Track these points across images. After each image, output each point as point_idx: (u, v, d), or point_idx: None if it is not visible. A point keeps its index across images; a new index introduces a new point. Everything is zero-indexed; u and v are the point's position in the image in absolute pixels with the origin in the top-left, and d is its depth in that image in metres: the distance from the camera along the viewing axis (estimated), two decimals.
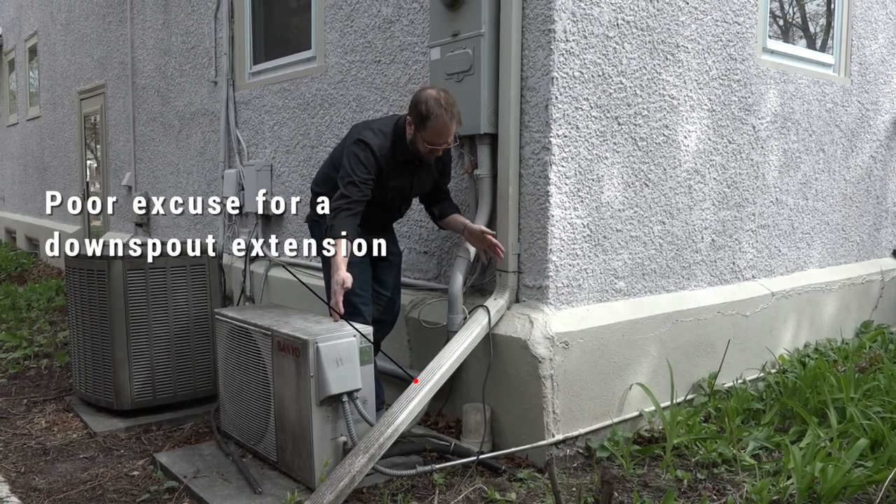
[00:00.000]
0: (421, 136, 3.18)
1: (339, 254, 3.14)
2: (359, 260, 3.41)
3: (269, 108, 5.24)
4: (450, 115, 3.12)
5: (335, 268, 3.14)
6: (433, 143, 3.18)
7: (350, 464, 2.82)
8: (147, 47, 7.07)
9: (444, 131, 3.15)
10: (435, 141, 3.17)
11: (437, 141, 3.18)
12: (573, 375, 3.29)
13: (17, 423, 3.99)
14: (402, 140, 3.28)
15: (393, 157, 3.28)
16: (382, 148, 3.24)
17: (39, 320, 6.44)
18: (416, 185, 3.45)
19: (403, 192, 3.44)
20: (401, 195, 3.46)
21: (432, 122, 3.11)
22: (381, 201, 3.39)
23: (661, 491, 2.97)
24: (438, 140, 3.18)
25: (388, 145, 3.26)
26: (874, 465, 2.99)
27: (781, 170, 4.50)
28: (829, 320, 4.82)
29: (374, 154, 3.22)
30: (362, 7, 4.33)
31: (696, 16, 3.83)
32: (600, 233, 3.51)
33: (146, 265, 3.94)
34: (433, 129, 3.13)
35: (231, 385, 3.52)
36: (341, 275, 3.12)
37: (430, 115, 3.10)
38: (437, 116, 3.10)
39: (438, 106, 3.10)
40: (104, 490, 3.16)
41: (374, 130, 3.30)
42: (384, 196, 3.37)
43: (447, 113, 3.11)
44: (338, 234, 3.16)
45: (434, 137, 3.16)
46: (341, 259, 3.14)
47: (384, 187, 3.32)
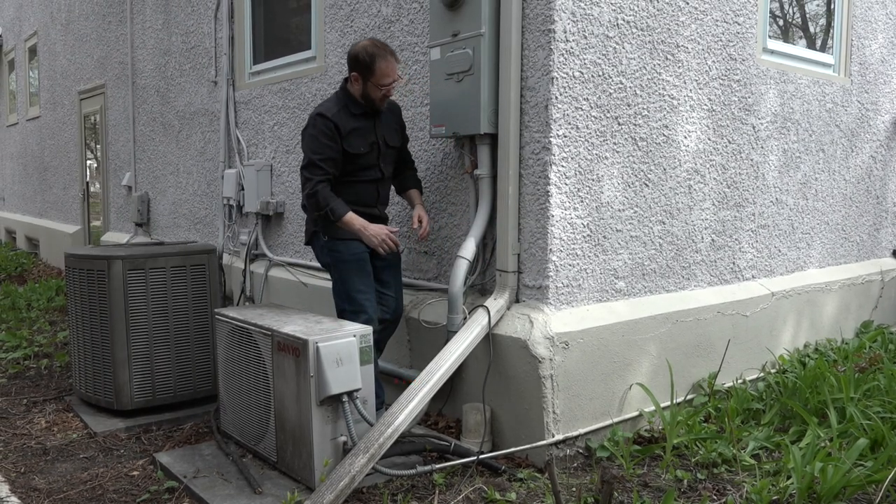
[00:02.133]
0: (371, 83, 3.37)
1: (357, 222, 3.39)
2: (358, 258, 3.43)
3: (269, 108, 5.24)
4: (388, 51, 3.38)
5: (363, 227, 3.38)
6: (384, 84, 3.37)
7: (350, 464, 2.82)
8: (147, 47, 7.07)
9: (389, 69, 3.37)
10: (384, 81, 3.37)
11: (386, 80, 3.37)
12: (573, 375, 3.29)
13: (17, 423, 3.99)
14: (350, 99, 3.44)
15: (347, 111, 3.42)
16: (330, 110, 3.41)
17: (39, 320, 6.44)
18: (384, 134, 3.54)
19: (373, 144, 3.50)
20: (374, 148, 3.51)
21: (377, 64, 3.34)
22: (361, 163, 3.46)
23: (661, 491, 2.97)
24: (387, 79, 3.37)
25: (336, 107, 3.42)
26: (874, 465, 2.99)
27: (781, 170, 4.50)
28: (829, 320, 4.81)
29: (323, 117, 3.37)
30: (362, 7, 4.33)
31: (696, 16, 3.83)
32: (600, 233, 3.51)
33: (146, 265, 3.94)
34: (380, 70, 3.34)
35: (231, 385, 3.52)
36: (374, 227, 3.40)
37: (373, 58, 3.33)
38: (379, 57, 3.35)
39: (375, 47, 3.36)
40: (104, 490, 3.16)
41: (321, 104, 3.52)
42: (358, 153, 3.44)
43: (385, 51, 3.37)
44: (340, 214, 3.37)
45: (382, 78, 3.36)
46: (363, 221, 3.39)
47: (351, 144, 3.41)
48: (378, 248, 3.40)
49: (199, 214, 6.30)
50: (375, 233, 3.40)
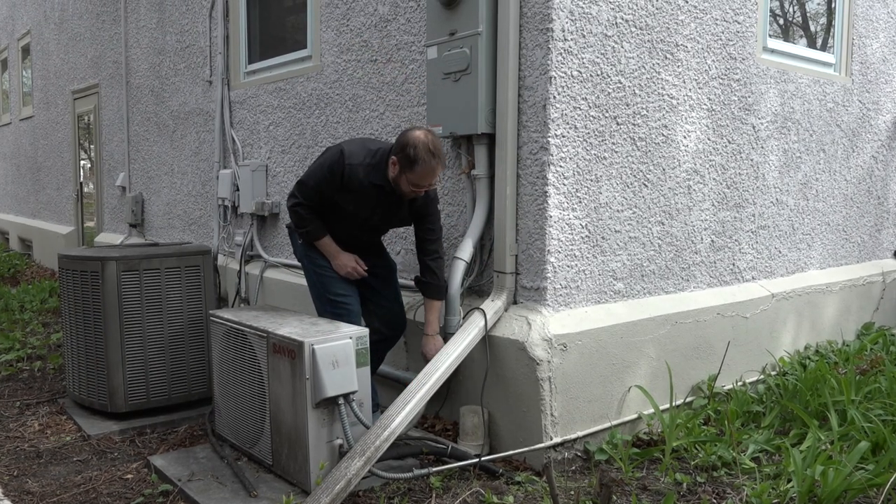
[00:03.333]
0: (406, 178, 3.17)
1: (331, 248, 3.39)
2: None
3: (264, 108, 5.21)
4: (437, 159, 3.13)
5: (334, 255, 3.37)
6: (417, 185, 3.19)
7: (346, 467, 2.79)
8: (141, 46, 7.03)
9: (430, 175, 3.16)
10: (420, 183, 3.18)
11: (422, 183, 3.19)
12: (571, 378, 3.26)
13: (9, 425, 3.95)
14: (382, 171, 3.26)
15: (368, 175, 3.25)
16: (355, 157, 3.24)
17: (32, 322, 6.39)
18: (381, 215, 3.39)
19: (364, 213, 3.36)
20: (361, 215, 3.36)
21: (420, 167, 3.12)
22: (342, 214, 3.37)
23: (660, 494, 2.94)
24: (423, 182, 3.18)
25: (364, 162, 3.25)
26: (875, 468, 2.97)
27: (781, 170, 4.48)
28: (830, 322, 4.79)
29: (343, 165, 3.22)
30: (358, 6, 4.30)
31: (696, 14, 3.80)
32: (599, 233, 3.48)
33: (140, 266, 3.90)
34: (420, 173, 3.14)
35: (226, 387, 3.49)
36: (344, 257, 3.37)
37: (417, 160, 3.11)
38: (425, 161, 3.11)
39: (427, 151, 3.10)
40: (98, 493, 3.13)
41: (361, 143, 3.35)
42: (345, 208, 3.33)
43: (435, 158, 3.12)
44: (316, 237, 3.38)
45: (419, 180, 3.17)
46: (336, 248, 3.37)
47: (344, 198, 3.30)
48: (346, 276, 3.41)
49: (193, 215, 6.26)
50: (343, 263, 3.39)
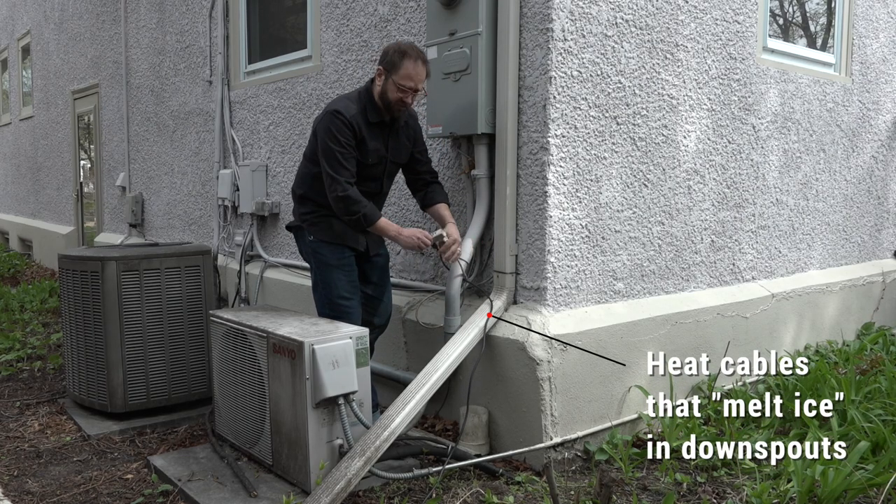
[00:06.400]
0: (392, 81, 3.25)
1: (392, 228, 3.34)
2: (343, 263, 3.39)
3: (264, 108, 5.20)
4: (420, 58, 3.26)
5: (398, 232, 3.32)
6: (404, 86, 3.25)
7: (346, 467, 2.79)
8: (141, 46, 7.03)
9: (414, 73, 3.24)
10: (405, 84, 3.24)
11: (407, 84, 3.25)
12: (571, 378, 3.26)
13: (9, 425, 3.95)
14: (370, 102, 3.34)
15: (365, 117, 3.32)
16: (350, 109, 3.30)
17: (33, 322, 6.39)
18: (392, 150, 3.44)
19: (382, 157, 3.41)
20: (381, 162, 3.42)
21: (404, 63, 3.22)
22: (365, 174, 3.37)
23: (660, 494, 2.94)
24: (408, 82, 3.24)
25: (357, 108, 3.32)
26: (875, 468, 2.97)
27: (782, 170, 4.48)
28: (830, 322, 4.79)
29: (345, 119, 3.27)
30: (358, 6, 4.30)
31: (696, 14, 3.80)
32: (599, 233, 3.48)
33: (140, 266, 3.90)
34: (404, 71, 3.22)
35: (226, 387, 3.49)
36: (409, 231, 3.34)
37: (401, 56, 3.23)
38: (408, 55, 3.23)
39: (409, 47, 3.28)
40: (98, 493, 3.13)
41: (341, 100, 3.42)
42: (366, 162, 3.36)
43: (417, 55, 3.26)
44: (373, 220, 3.29)
45: (404, 80, 3.23)
46: (396, 229, 3.34)
47: (364, 151, 3.33)
48: (416, 250, 3.36)
49: (193, 215, 6.26)
50: (410, 235, 3.31)
